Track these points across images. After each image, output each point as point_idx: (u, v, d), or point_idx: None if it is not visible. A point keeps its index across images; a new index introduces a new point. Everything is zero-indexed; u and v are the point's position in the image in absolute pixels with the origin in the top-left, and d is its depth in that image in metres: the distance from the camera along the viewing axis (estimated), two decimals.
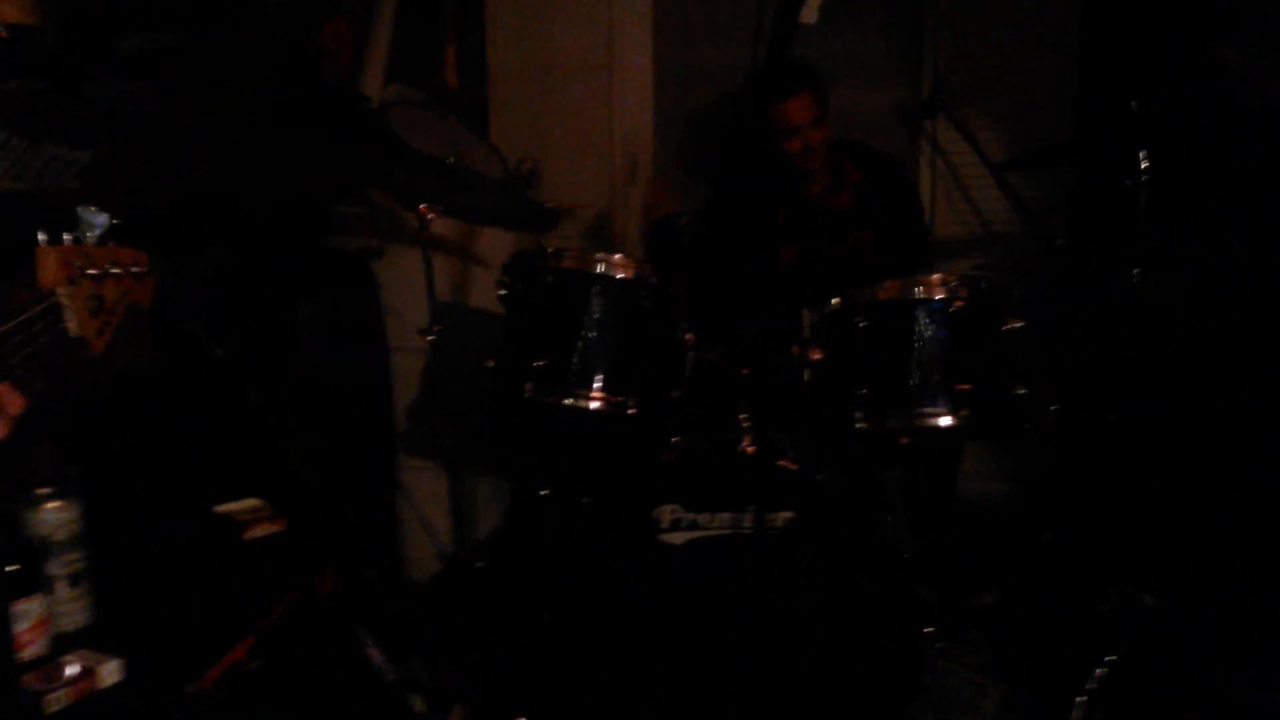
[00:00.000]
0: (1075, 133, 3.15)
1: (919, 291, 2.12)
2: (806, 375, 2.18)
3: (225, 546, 1.89)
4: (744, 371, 2.25)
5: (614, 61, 3.27)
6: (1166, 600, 2.30)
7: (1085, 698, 2.10)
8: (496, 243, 2.77)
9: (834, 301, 2.18)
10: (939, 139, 3.24)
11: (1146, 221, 2.10)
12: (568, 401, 2.14)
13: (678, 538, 2.02)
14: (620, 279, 2.18)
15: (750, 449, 2.06)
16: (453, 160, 2.60)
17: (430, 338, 2.45)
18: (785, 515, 1.99)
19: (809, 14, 1.89)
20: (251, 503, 2.05)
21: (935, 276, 2.13)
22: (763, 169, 2.84)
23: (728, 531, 2.00)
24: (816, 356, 2.17)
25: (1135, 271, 2.12)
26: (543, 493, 2.55)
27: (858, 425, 2.09)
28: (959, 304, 2.11)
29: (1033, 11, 3.18)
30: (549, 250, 2.26)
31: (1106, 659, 2.17)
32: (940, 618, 2.44)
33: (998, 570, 2.67)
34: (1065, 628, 2.48)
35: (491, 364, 2.25)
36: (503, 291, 2.28)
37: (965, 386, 2.08)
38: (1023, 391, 2.11)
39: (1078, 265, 2.73)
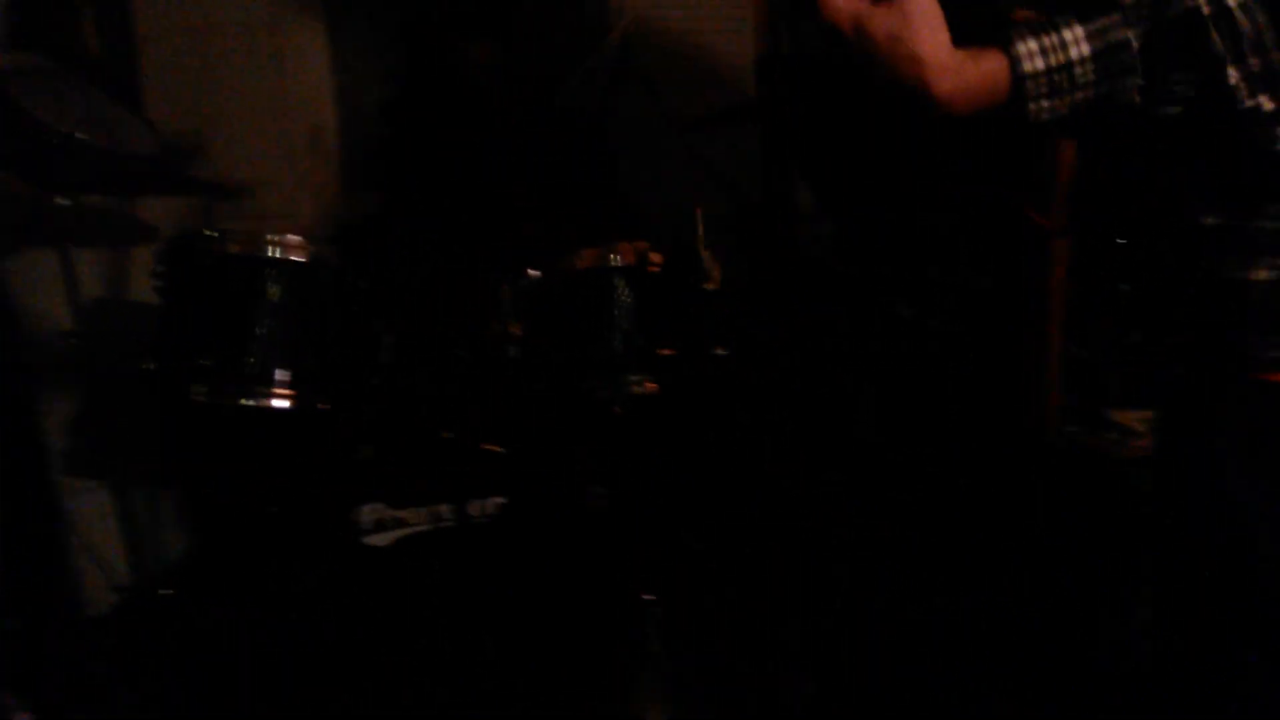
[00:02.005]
0: (759, 92, 3.25)
1: (616, 259, 2.11)
2: (510, 353, 2.11)
3: None
4: (444, 353, 2.13)
5: (281, 19, 2.99)
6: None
7: None
8: (150, 226, 2.45)
9: (531, 273, 2.12)
10: (627, 100, 3.24)
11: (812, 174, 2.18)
12: (247, 402, 1.94)
13: (383, 539, 1.88)
14: (297, 262, 2.00)
15: (453, 435, 1.95)
16: (87, 136, 2.26)
17: (74, 341, 2.13)
18: (495, 501, 1.90)
19: None
20: None
21: (630, 244, 2.13)
22: (455, 130, 2.73)
23: (434, 526, 1.88)
24: (517, 332, 2.10)
25: (817, 230, 2.20)
26: (227, 503, 2.31)
27: (564, 399, 2.06)
28: (653, 269, 2.11)
29: None
30: (211, 234, 2.02)
31: None
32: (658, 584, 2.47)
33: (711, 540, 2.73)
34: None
35: (152, 366, 1.99)
36: (159, 283, 2.03)
37: (667, 352, 2.10)
38: (723, 353, 2.15)
39: (768, 225, 2.82)
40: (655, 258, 2.14)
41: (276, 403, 1.94)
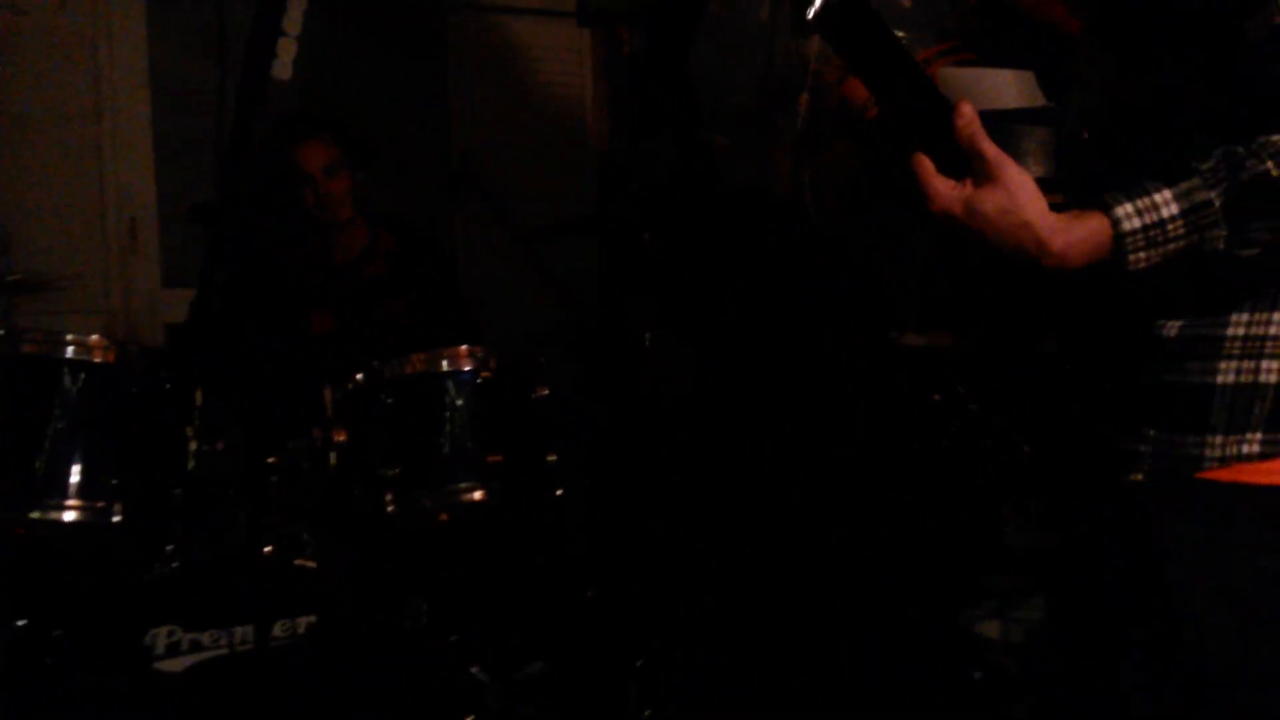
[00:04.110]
0: (599, 206, 3.33)
1: (446, 364, 2.07)
2: (331, 459, 2.02)
3: None
4: (258, 460, 2.02)
5: (104, 110, 2.88)
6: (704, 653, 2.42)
7: None
8: None
9: (357, 377, 2.06)
10: (470, 212, 3.26)
11: (654, 289, 2.25)
12: (34, 515, 1.79)
13: (176, 664, 1.72)
14: (97, 363, 1.87)
15: (264, 549, 1.83)
16: None
17: None
18: (306, 620, 1.78)
19: (281, 69, 1.77)
20: None
21: (462, 348, 2.10)
22: (289, 229, 2.67)
23: (232, 650, 1.74)
24: (341, 438, 2.02)
25: (647, 335, 2.24)
26: (19, 623, 2.09)
27: (389, 509, 1.99)
28: (486, 375, 2.09)
29: (554, 90, 3.36)
30: (1, 333, 1.88)
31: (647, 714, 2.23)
32: (492, 696, 2.37)
33: (544, 637, 2.66)
34: (612, 687, 2.52)
35: None
36: None
37: (497, 458, 2.06)
38: (553, 458, 2.13)
39: (605, 331, 2.84)
40: (490, 363, 2.12)
41: (66, 515, 1.79)
